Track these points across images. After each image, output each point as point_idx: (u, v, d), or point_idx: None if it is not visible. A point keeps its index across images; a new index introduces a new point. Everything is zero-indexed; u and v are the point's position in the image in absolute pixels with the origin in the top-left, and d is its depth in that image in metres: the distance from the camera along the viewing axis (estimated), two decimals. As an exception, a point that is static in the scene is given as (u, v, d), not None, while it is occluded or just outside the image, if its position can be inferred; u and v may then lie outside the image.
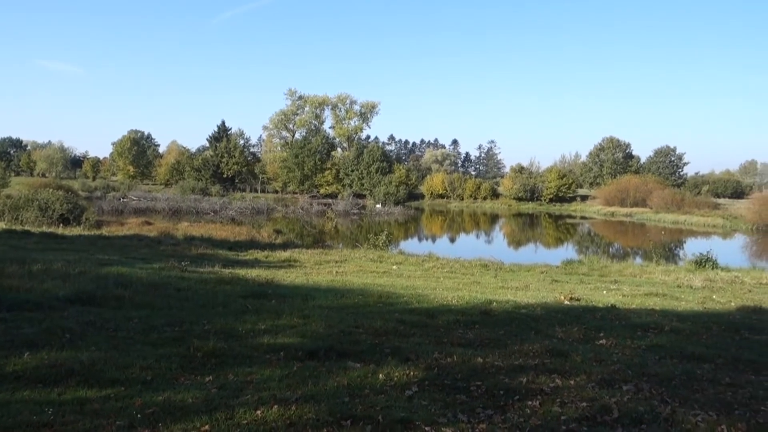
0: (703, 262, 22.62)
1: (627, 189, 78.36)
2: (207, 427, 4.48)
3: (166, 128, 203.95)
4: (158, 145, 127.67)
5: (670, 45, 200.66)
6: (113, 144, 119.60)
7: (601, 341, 7.86)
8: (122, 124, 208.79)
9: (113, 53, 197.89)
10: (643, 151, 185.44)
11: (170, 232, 29.01)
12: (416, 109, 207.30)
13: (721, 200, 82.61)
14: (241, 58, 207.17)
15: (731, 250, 38.89)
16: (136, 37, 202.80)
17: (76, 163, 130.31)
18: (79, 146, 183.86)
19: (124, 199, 64.45)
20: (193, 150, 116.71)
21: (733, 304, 12.80)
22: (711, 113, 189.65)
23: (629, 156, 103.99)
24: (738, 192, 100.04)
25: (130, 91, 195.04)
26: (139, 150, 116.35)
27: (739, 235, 50.94)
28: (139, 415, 4.66)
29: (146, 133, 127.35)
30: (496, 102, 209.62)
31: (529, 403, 5.27)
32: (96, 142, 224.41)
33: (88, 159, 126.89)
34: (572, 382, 5.90)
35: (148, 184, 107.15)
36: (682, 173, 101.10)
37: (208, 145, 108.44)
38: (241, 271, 14.83)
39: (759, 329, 9.18)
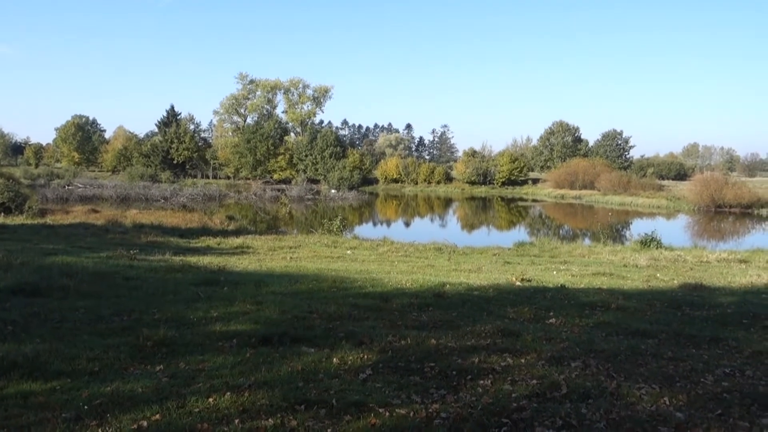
0: (648, 242, 23.31)
1: (576, 172, 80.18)
2: (158, 416, 4.41)
3: (113, 113, 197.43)
4: (104, 131, 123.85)
5: (616, 29, 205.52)
6: (56, 130, 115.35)
7: (551, 320, 8.05)
8: (65, 109, 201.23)
9: (51, 34, 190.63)
10: (591, 134, 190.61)
11: (118, 220, 28.33)
12: (370, 93, 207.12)
13: (666, 182, 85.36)
14: (190, 41, 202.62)
15: (674, 230, 40.21)
16: (77, 18, 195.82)
17: (17, 149, 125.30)
18: (19, 132, 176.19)
19: (69, 187, 62.30)
20: (142, 135, 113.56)
21: (675, 281, 13.18)
22: (656, 97, 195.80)
23: (578, 140, 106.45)
24: (681, 174, 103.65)
25: (73, 75, 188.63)
26: (84, 136, 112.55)
27: (682, 215, 52.72)
28: (86, 407, 4.55)
29: (91, 119, 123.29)
30: (450, 86, 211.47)
31: (481, 382, 5.37)
32: (38, 127, 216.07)
33: (30, 145, 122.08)
34: (523, 360, 6.04)
35: (94, 171, 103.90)
36: (628, 156, 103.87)
37: (156, 130, 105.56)
38: (193, 259, 14.63)
39: (699, 305, 9.51)
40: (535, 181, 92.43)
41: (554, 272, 14.61)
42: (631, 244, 24.49)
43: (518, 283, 11.54)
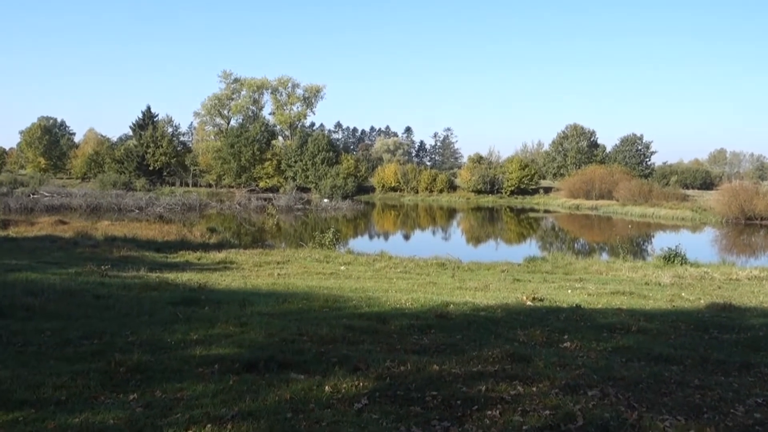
0: (672, 257, 23.33)
1: (592, 180, 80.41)
2: (131, 451, 4.39)
3: (83, 115, 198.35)
4: (73, 134, 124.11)
5: (636, 31, 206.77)
6: (21, 133, 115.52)
7: (565, 344, 8.04)
8: (31, 110, 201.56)
9: (13, 31, 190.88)
10: (608, 139, 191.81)
11: (88, 233, 28.46)
12: (365, 93, 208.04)
13: (690, 191, 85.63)
14: (169, 36, 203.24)
15: (700, 244, 40.28)
16: (43, 13, 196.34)
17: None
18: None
19: (35, 196, 62.40)
20: (115, 139, 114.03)
21: (702, 301, 13.16)
22: (679, 99, 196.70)
23: (594, 144, 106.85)
24: (707, 182, 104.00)
25: (39, 74, 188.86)
26: (51, 139, 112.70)
27: (708, 228, 52.81)
28: (52, 441, 4.52)
29: (59, 121, 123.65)
30: (453, 87, 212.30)
31: (489, 412, 5.35)
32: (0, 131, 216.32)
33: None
34: (534, 388, 6.01)
35: (62, 178, 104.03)
36: (649, 163, 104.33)
37: (131, 133, 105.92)
38: (170, 275, 14.75)
39: (728, 328, 9.50)
40: (548, 189, 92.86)
41: (569, 291, 14.71)
42: (653, 260, 24.51)
43: (529, 303, 11.54)
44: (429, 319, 9.29)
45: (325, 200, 75.55)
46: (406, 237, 48.14)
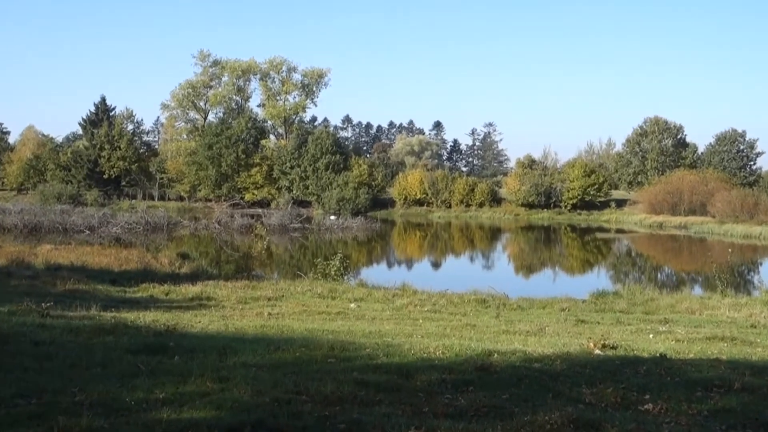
0: (787, 291, 22.96)
1: (680, 190, 79.84)
2: None
3: (19, 110, 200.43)
4: (7, 133, 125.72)
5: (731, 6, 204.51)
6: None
7: (646, 406, 7.95)
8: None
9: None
10: (700, 136, 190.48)
11: (25, 260, 28.52)
12: (382, 79, 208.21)
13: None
14: (129, 8, 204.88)
15: (824, 274, 39.63)
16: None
17: None
18: None
19: (-44, 213, 62.90)
20: (60, 139, 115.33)
21: (828, 350, 12.97)
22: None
23: (682, 143, 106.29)
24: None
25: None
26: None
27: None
28: None
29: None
30: (496, 71, 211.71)
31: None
32: None
33: None
34: (606, 465, 5.92)
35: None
36: (754, 167, 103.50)
37: (80, 132, 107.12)
38: (130, 315, 14.76)
39: None
40: (621, 202, 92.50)
41: (650, 335, 14.66)
42: (761, 295, 24.35)
43: (598, 352, 11.57)
44: (466, 372, 9.26)
45: (332, 217, 75.48)
46: (436, 265, 48.07)
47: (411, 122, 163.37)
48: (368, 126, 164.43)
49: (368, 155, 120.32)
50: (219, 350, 10.25)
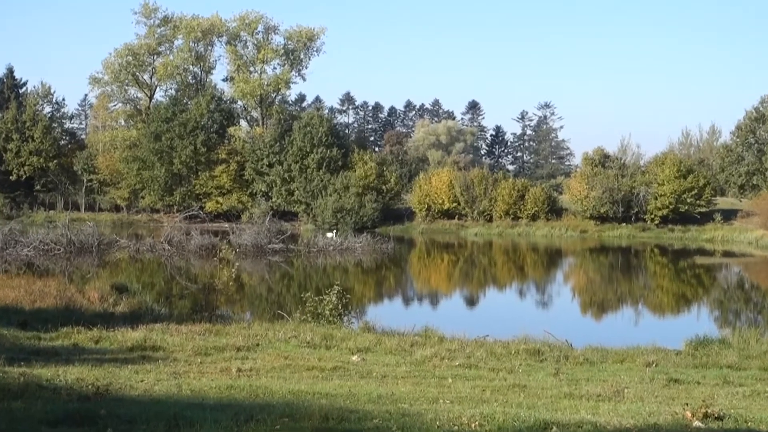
0: None
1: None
2: None
3: None
4: None
5: None
6: None
7: None
8: None
9: None
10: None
11: None
12: (395, 46, 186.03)
13: None
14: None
15: None
16: None
17: None
18: None
19: None
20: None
21: None
22: None
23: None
24: None
25: None
26: None
27: None
28: None
29: None
30: (553, 34, 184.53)
31: None
32: None
33: None
34: None
35: None
36: None
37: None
38: (46, 372, 13.88)
39: None
40: (729, 214, 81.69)
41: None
42: None
43: (698, 424, 10.78)
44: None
45: (329, 234, 69.01)
46: (471, 302, 44.02)
47: (436, 102, 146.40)
48: (377, 108, 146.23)
49: (377, 148, 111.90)
50: (169, 421, 9.37)
